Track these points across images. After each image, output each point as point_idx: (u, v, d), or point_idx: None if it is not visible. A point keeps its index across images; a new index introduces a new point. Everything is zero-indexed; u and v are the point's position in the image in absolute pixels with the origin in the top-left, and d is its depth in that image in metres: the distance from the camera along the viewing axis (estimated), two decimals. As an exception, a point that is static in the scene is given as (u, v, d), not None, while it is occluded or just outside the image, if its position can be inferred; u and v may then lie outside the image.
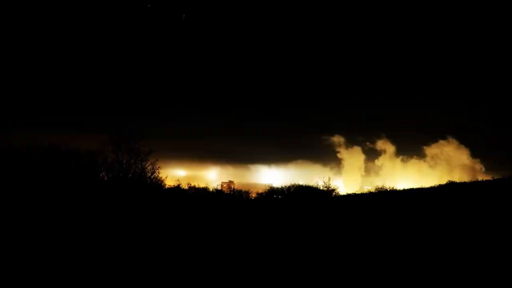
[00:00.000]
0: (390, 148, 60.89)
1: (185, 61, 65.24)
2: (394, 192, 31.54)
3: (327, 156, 64.82)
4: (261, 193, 37.26)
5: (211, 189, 37.10)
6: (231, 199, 35.56)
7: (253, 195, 37.72)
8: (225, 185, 37.52)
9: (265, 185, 38.15)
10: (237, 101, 72.02)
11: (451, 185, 29.06)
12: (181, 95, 70.46)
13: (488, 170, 56.48)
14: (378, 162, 61.19)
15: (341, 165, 63.19)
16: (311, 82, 70.89)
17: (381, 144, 61.79)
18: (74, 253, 14.02)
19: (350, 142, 63.61)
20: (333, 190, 35.10)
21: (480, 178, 32.82)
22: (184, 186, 35.12)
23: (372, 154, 62.52)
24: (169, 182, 32.84)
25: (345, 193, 35.72)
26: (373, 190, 33.47)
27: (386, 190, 32.42)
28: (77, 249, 14.63)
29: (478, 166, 58.74)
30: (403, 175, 57.05)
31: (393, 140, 61.58)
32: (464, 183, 28.96)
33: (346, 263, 12.76)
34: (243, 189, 37.98)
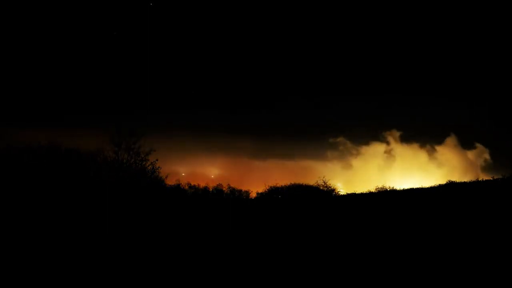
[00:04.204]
0: (397, 147, 60.64)
1: (184, 61, 65.15)
2: (394, 192, 31.51)
3: (330, 156, 64.46)
4: (261, 193, 37.21)
5: (211, 189, 37.06)
6: (231, 198, 35.55)
7: (253, 194, 37.66)
8: (225, 184, 37.39)
9: (265, 184, 38.04)
10: (238, 100, 71.69)
11: (451, 184, 29.03)
12: (180, 95, 70.25)
13: (488, 169, 56.33)
14: (386, 161, 60.93)
15: (343, 165, 63.02)
16: (312, 80, 70.59)
17: (388, 143, 61.47)
18: (75, 253, 14.03)
19: (354, 142, 63.30)
20: (333, 190, 35.10)
21: (480, 178, 32.84)
22: (184, 185, 35.12)
23: (376, 153, 62.21)
24: (169, 182, 32.82)
25: (344, 193, 35.68)
26: (373, 190, 33.40)
27: (386, 190, 32.37)
28: (78, 249, 14.64)
29: (478, 165, 58.59)
30: (408, 175, 56.79)
31: (397, 139, 61.31)
32: (464, 183, 28.93)
33: (345, 263, 12.77)
34: (243, 189, 37.92)
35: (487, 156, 58.59)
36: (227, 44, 67.07)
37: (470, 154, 59.49)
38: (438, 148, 60.65)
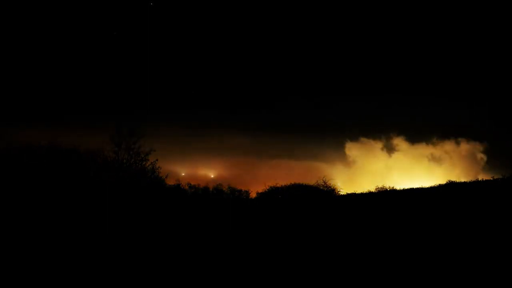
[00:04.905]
0: (397, 147, 60.65)
1: (184, 61, 65.17)
2: (394, 192, 31.53)
3: (330, 155, 64.55)
4: (261, 193, 37.18)
5: (211, 189, 37.04)
6: (231, 198, 35.56)
7: (253, 194, 37.63)
8: (225, 184, 37.40)
9: (265, 184, 38.03)
10: (238, 100, 71.76)
11: (451, 184, 29.04)
12: (180, 95, 70.31)
13: (488, 169, 56.38)
14: (386, 161, 60.93)
15: (343, 164, 63.04)
16: (312, 80, 70.63)
17: (388, 143, 61.50)
18: (75, 253, 14.04)
19: (354, 141, 63.37)
20: (334, 189, 35.09)
21: (480, 178, 32.85)
22: (184, 185, 35.09)
23: (376, 153, 62.18)
24: (169, 182, 32.83)
25: (344, 193, 35.66)
26: (373, 190, 33.40)
27: (386, 190, 32.37)
28: (78, 249, 14.65)
29: (478, 165, 58.61)
30: (408, 174, 56.79)
31: (397, 139, 61.32)
32: (464, 182, 28.94)
33: (344, 263, 12.78)
34: (243, 189, 37.88)
35: (487, 155, 58.66)
36: (227, 44, 67.10)
37: (470, 154, 59.51)
38: (438, 147, 60.69)
